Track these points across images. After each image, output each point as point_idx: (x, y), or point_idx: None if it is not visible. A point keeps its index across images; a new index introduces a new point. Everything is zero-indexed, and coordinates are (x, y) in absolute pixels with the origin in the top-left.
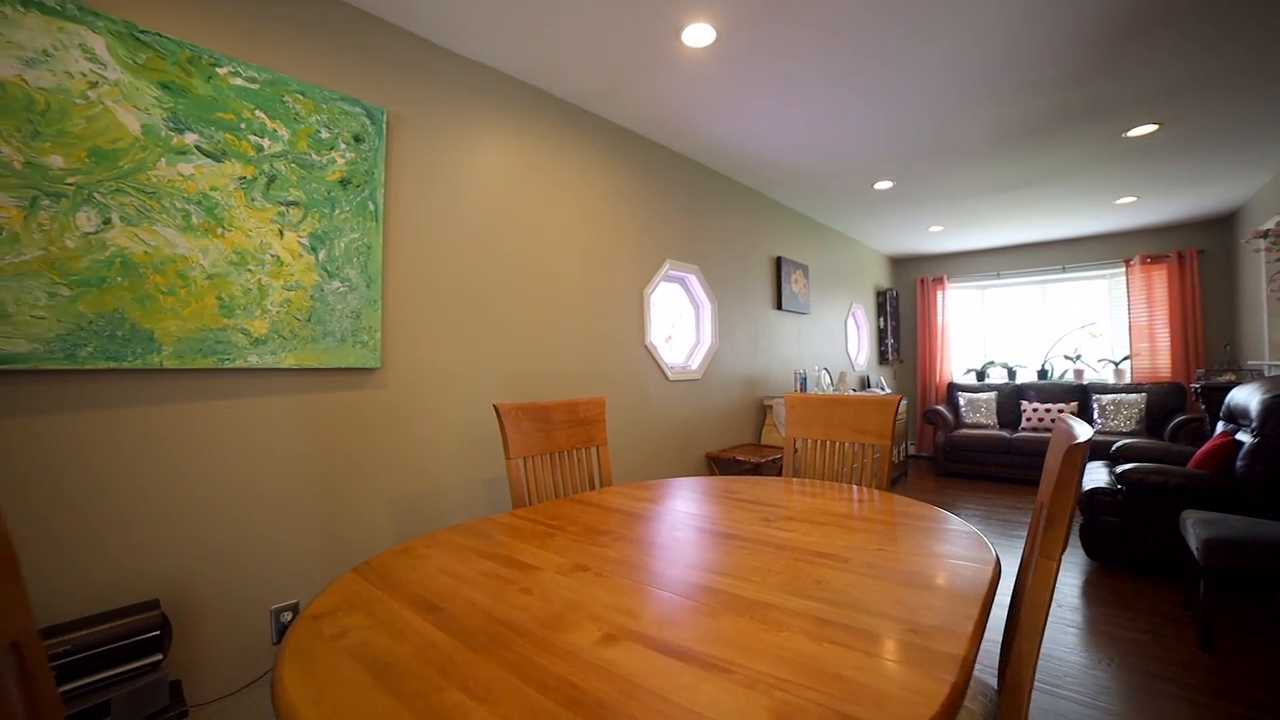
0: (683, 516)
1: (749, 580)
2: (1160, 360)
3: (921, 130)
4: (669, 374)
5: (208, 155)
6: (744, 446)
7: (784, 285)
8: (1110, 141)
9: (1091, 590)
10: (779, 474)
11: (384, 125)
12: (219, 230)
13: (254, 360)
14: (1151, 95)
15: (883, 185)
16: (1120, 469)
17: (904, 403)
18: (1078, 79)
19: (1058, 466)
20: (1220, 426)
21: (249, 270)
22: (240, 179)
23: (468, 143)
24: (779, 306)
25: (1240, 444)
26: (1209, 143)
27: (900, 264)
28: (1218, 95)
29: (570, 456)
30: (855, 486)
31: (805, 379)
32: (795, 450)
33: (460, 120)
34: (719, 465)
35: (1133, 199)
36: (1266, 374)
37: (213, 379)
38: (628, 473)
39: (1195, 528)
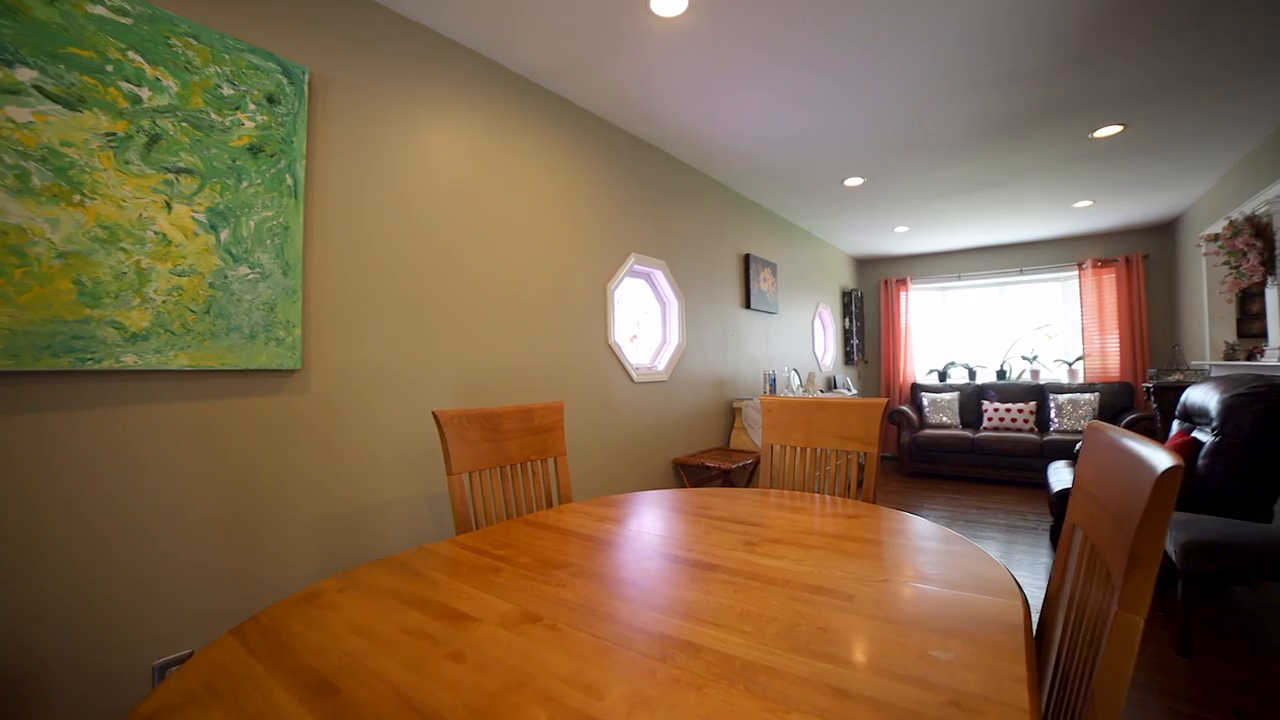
0: (653, 541)
1: (739, 631)
2: (1110, 360)
3: (898, 122)
4: (634, 375)
5: (54, 100)
6: (713, 451)
7: (752, 283)
8: (1077, 142)
9: None
10: (750, 480)
11: (305, 87)
12: (76, 198)
13: (131, 360)
14: (1122, 93)
15: (853, 182)
16: None
17: None
18: (1059, 71)
19: (1131, 497)
20: (1176, 425)
21: (123, 249)
22: (107, 135)
23: (413, 117)
24: (747, 305)
25: (1200, 443)
26: (1167, 146)
27: (865, 265)
28: (1178, 99)
29: (524, 470)
30: (840, 499)
31: (775, 380)
32: (773, 458)
33: (404, 91)
34: (687, 472)
35: (1089, 203)
36: (1210, 373)
37: (74, 383)
38: (589, 483)
39: (1171, 530)
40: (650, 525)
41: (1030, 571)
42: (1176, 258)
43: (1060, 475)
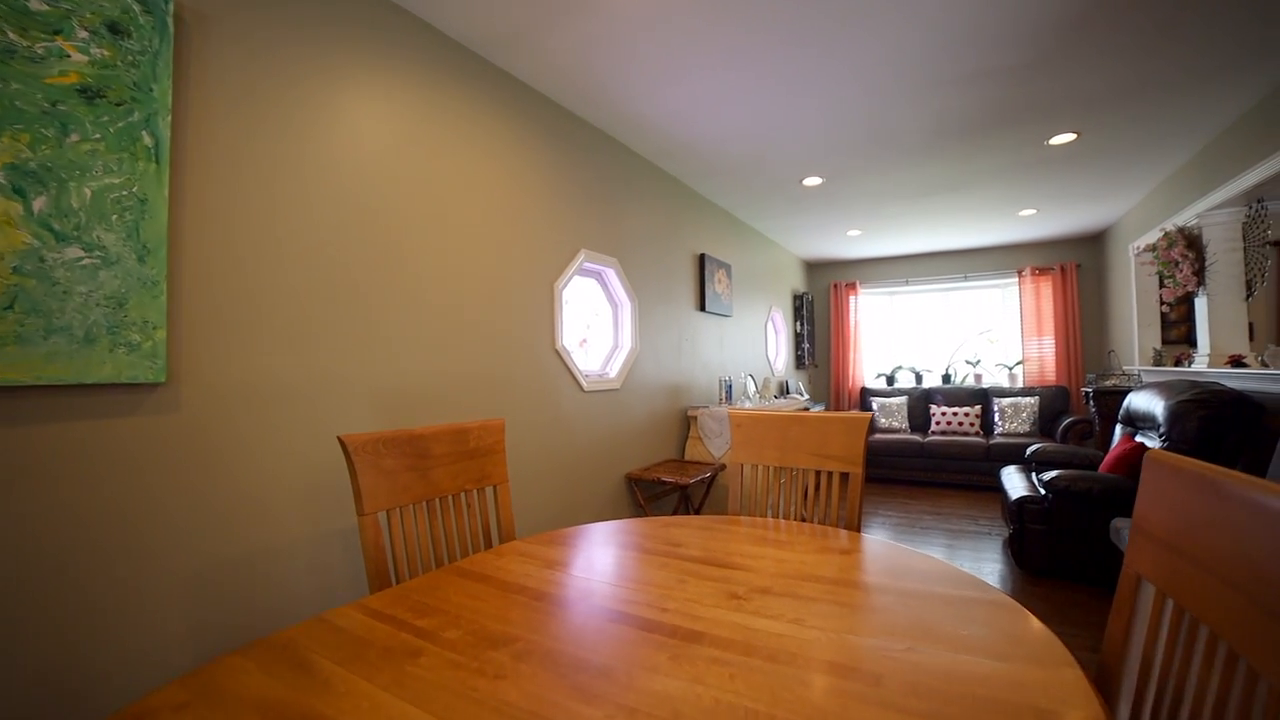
0: (617, 595)
1: None
2: (1047, 365)
3: (862, 119)
4: (584, 384)
5: None
6: (668, 464)
7: (707, 285)
8: (1033, 147)
9: (1021, 601)
10: (708, 494)
11: (169, 20)
12: None
13: None
14: (1080, 99)
15: (812, 181)
16: (1046, 476)
17: (819, 409)
18: (1026, 70)
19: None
20: (1119, 429)
21: None
22: None
23: (331, 82)
24: (702, 308)
25: (1146, 447)
26: (1114, 156)
27: (815, 268)
28: (1131, 108)
29: (456, 503)
30: (822, 527)
31: (730, 386)
32: (743, 479)
33: (320, 48)
34: (641, 488)
35: (1033, 211)
36: (1141, 378)
37: None
38: (536, 505)
39: None
40: (611, 571)
41: (996, 580)
42: (1106, 267)
43: (1013, 482)
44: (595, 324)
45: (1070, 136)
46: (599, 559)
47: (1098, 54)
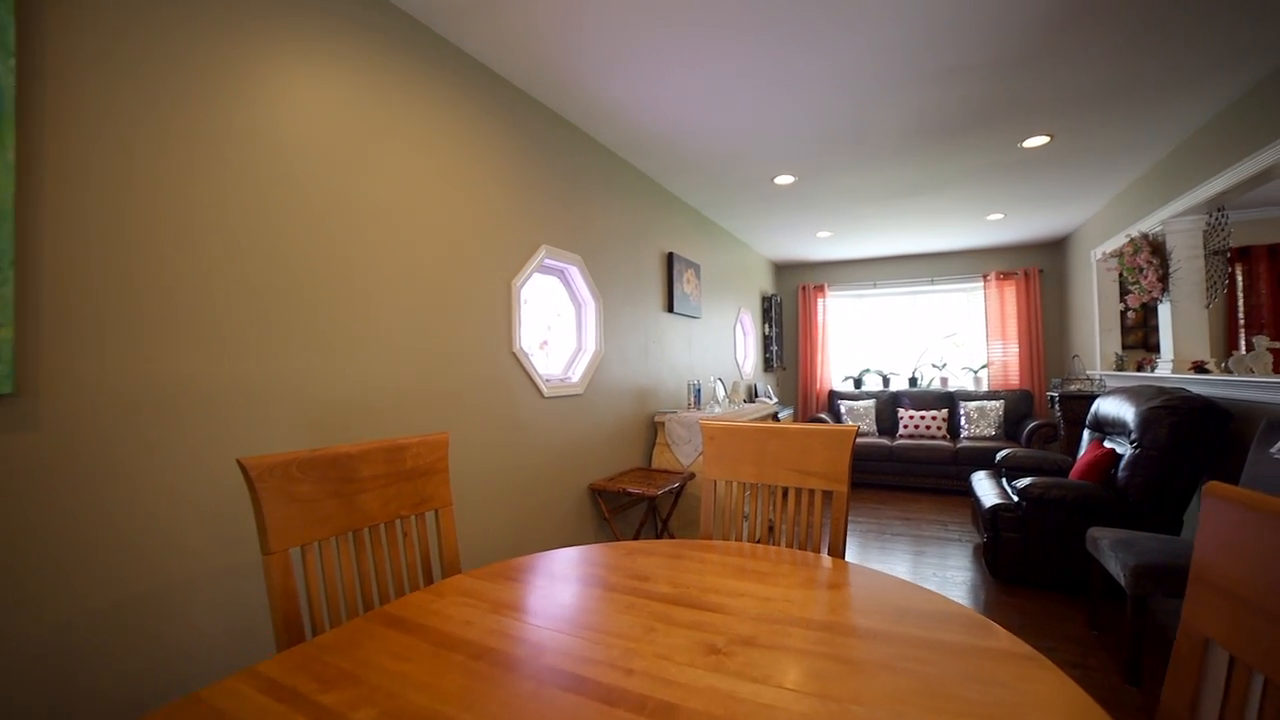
0: (572, 649)
1: None
2: (1011, 369)
3: (839, 115)
4: (544, 389)
5: None
6: (634, 473)
7: (675, 285)
8: (1007, 150)
9: (996, 612)
10: (676, 504)
11: None
12: None
13: None
14: (1056, 100)
15: (784, 180)
16: (1021, 484)
17: (788, 412)
18: (1005, 69)
19: None
20: (1087, 434)
21: None
22: None
23: (255, 41)
24: (670, 309)
25: (1118, 454)
26: (1083, 160)
27: (784, 270)
28: (1104, 112)
29: (390, 532)
30: (805, 554)
31: (699, 390)
32: (716, 496)
33: (242, 5)
34: (605, 500)
35: (1000, 216)
36: (1104, 383)
37: None
38: (489, 524)
39: (1116, 550)
40: (567, 615)
41: (970, 590)
42: (1067, 273)
43: (985, 488)
44: (557, 325)
45: (1043, 139)
46: (554, 598)
47: (1079, 52)
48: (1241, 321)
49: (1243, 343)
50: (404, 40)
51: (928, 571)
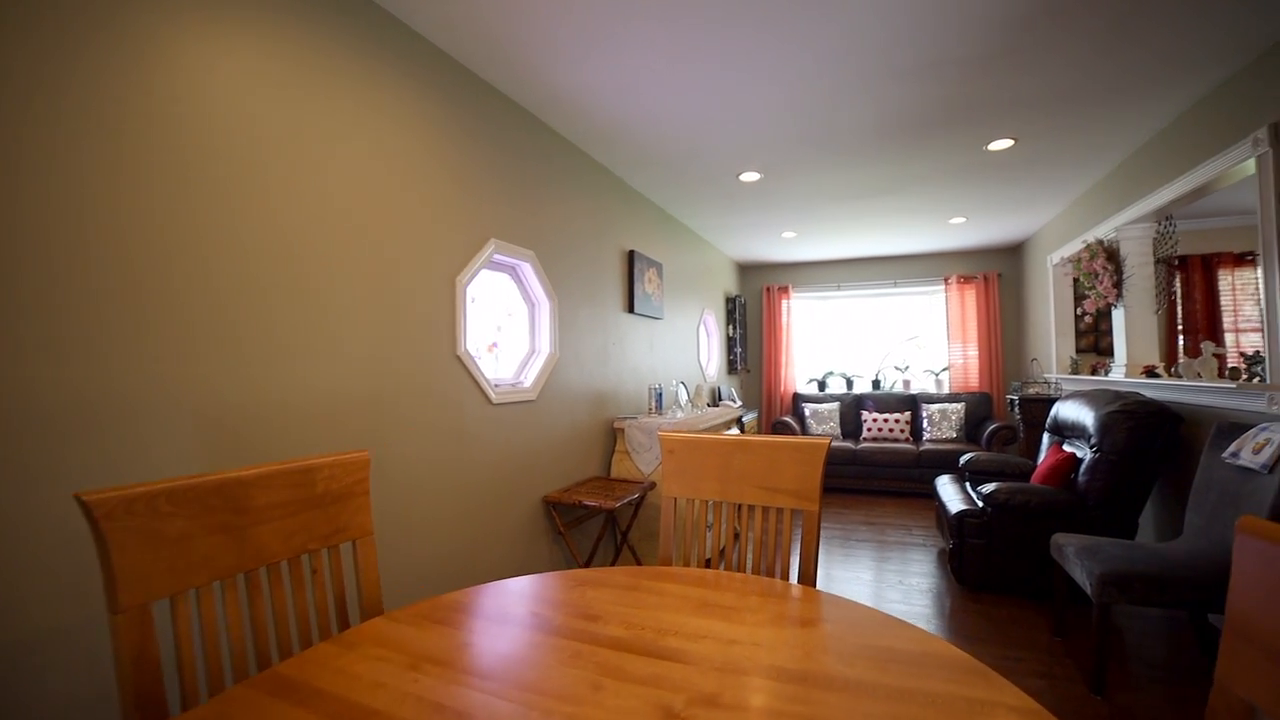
0: (505, 719)
1: None
2: (971, 372)
3: (808, 111)
4: (492, 395)
5: None
6: (591, 483)
7: (636, 284)
8: (973, 151)
9: (961, 620)
10: (636, 516)
11: None
12: None
13: None
14: (1023, 102)
15: (749, 177)
16: (986, 490)
17: (752, 416)
18: (978, 65)
19: None
20: (1046, 438)
21: None
22: None
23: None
24: (631, 309)
25: (1077, 459)
26: (1045, 165)
27: (748, 271)
28: (1066, 115)
29: (294, 571)
30: (774, 582)
31: (661, 394)
32: (676, 515)
33: None
34: (560, 513)
35: (962, 220)
36: (1060, 386)
37: None
38: (430, 545)
39: (1081, 558)
40: (501, 669)
41: (935, 598)
42: (1024, 277)
43: (949, 493)
44: (508, 326)
45: (1008, 143)
46: (486, 647)
47: (1049, 52)
48: (1180, 327)
49: (1180, 348)
50: (343, 10)
51: (893, 579)
